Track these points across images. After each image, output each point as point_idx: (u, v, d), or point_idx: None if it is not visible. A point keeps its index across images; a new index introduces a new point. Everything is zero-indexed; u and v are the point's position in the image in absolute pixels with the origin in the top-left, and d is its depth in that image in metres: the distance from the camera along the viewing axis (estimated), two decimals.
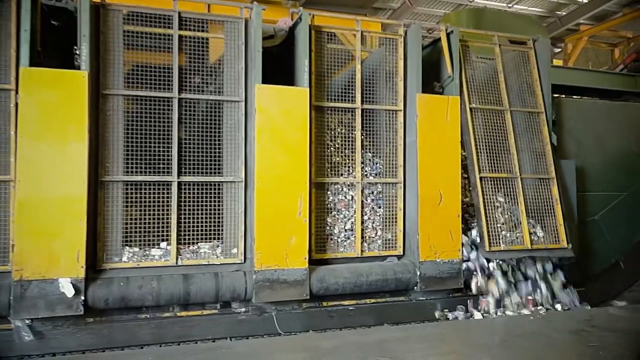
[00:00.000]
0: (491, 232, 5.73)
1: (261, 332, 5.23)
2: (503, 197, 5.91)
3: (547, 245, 5.93)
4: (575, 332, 4.29)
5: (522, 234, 5.87)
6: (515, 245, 5.82)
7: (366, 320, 5.62)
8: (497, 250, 5.72)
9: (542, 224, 6.04)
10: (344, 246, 5.76)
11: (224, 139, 5.29)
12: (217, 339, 5.06)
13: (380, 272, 5.63)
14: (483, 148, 5.99)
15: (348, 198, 5.79)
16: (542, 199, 6.06)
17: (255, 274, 5.11)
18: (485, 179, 5.92)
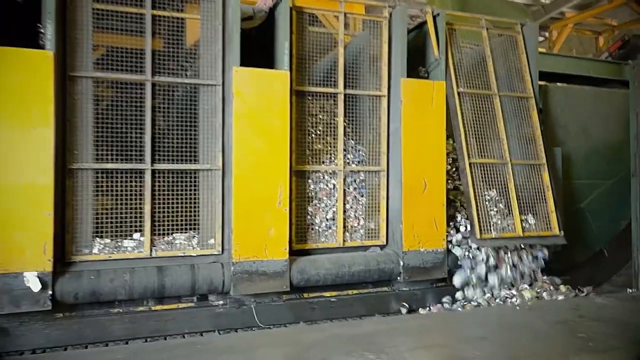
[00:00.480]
0: (482, 219, 5.57)
1: (240, 325, 5.04)
2: (494, 185, 5.75)
3: (539, 232, 5.79)
4: (562, 322, 4.18)
5: (513, 221, 5.73)
6: (507, 232, 5.67)
7: (348, 312, 5.46)
8: (489, 238, 5.56)
9: (533, 211, 5.90)
10: (326, 236, 5.58)
11: (200, 125, 5.05)
12: (194, 333, 4.87)
13: (363, 262, 5.47)
14: (472, 133, 5.83)
15: (330, 186, 5.60)
16: (532, 186, 5.91)
17: (234, 265, 4.92)
18: (475, 165, 5.75)
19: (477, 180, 5.69)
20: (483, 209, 5.60)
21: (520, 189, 5.85)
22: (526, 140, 6.01)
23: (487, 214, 5.60)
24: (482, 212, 5.59)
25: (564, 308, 4.71)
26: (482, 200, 5.62)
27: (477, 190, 5.65)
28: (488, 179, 5.75)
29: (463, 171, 5.67)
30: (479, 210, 5.58)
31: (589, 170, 7.05)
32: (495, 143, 5.88)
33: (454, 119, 5.80)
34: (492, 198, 5.75)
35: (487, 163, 5.81)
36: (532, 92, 6.18)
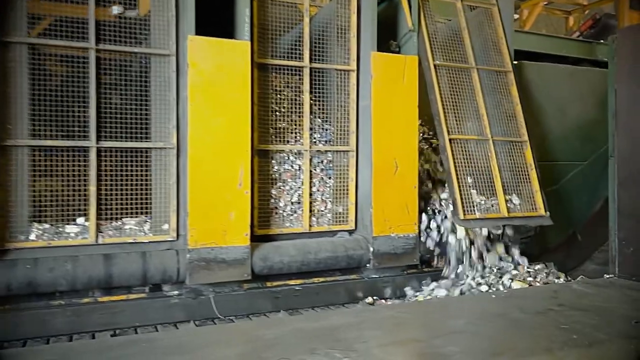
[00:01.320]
0: (465, 198, 5.26)
1: (198, 317, 4.66)
2: (475, 163, 5.44)
3: (524, 213, 5.50)
4: (542, 312, 3.92)
5: (497, 201, 5.44)
6: (491, 213, 5.37)
7: (315, 301, 5.13)
8: (472, 219, 5.23)
9: (517, 191, 5.62)
10: (291, 221, 5.21)
11: (152, 99, 4.60)
12: (147, 326, 4.46)
13: (330, 248, 5.14)
14: (450, 108, 5.49)
15: (295, 168, 5.23)
16: (515, 164, 5.60)
17: (190, 252, 4.51)
18: (455, 142, 5.42)
19: (458, 157, 5.35)
20: (465, 188, 5.28)
21: (503, 167, 5.55)
22: (507, 117, 5.70)
23: (469, 193, 5.27)
24: (464, 192, 5.27)
25: (542, 296, 4.46)
26: (464, 179, 5.30)
27: (458, 168, 5.33)
28: (469, 157, 5.42)
29: (443, 148, 5.32)
30: (462, 190, 5.25)
31: (563, 151, 6.84)
32: (475, 119, 5.56)
33: (430, 93, 5.45)
34: (474, 177, 5.42)
35: (467, 139, 5.47)
36: (510, 66, 5.88)
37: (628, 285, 4.98)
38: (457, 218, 5.17)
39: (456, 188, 5.19)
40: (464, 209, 5.18)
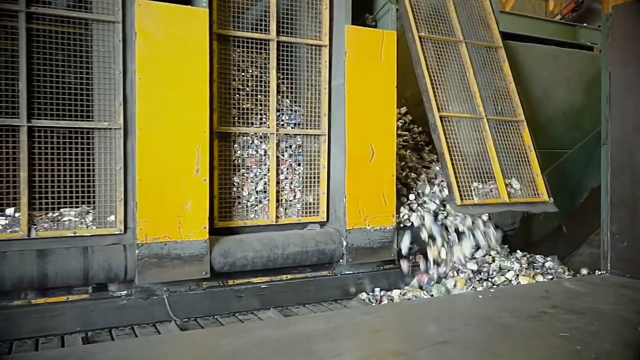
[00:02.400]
0: (461, 182, 4.77)
1: (150, 320, 4.15)
2: (470, 143, 4.95)
3: (526, 198, 5.03)
4: (536, 315, 3.50)
5: (496, 185, 4.96)
6: (491, 198, 4.89)
7: (282, 300, 4.65)
8: (471, 204, 4.74)
9: (516, 174, 5.17)
10: (255, 212, 4.70)
11: (95, 72, 4.02)
12: (90, 330, 3.93)
13: (299, 242, 4.64)
14: (439, 84, 4.99)
15: (260, 153, 4.71)
16: (513, 146, 5.13)
17: (139, 248, 3.97)
18: (447, 120, 4.92)
19: (450, 137, 4.86)
20: (461, 170, 4.78)
21: (500, 149, 5.09)
22: (500, 95, 5.23)
23: (465, 176, 4.78)
24: (460, 174, 4.78)
25: (533, 296, 4.04)
26: (459, 161, 4.81)
27: (452, 148, 4.84)
28: (462, 137, 4.93)
29: (434, 127, 4.81)
30: (457, 172, 4.76)
31: (548, 138, 6.44)
32: (467, 97, 5.08)
33: (417, 67, 4.95)
34: (469, 159, 4.93)
35: (460, 117, 4.98)
36: (500, 42, 5.41)
37: (622, 283, 4.61)
38: (454, 204, 4.66)
39: (450, 170, 4.69)
40: (460, 194, 4.68)
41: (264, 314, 4.43)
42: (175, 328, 4.06)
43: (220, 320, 4.27)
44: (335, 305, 4.77)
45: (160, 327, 4.08)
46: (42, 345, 3.65)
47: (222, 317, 4.34)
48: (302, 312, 4.49)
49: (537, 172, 5.11)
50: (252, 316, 4.39)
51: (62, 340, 3.79)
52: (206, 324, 4.17)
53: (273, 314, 4.39)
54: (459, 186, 4.69)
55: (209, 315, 4.34)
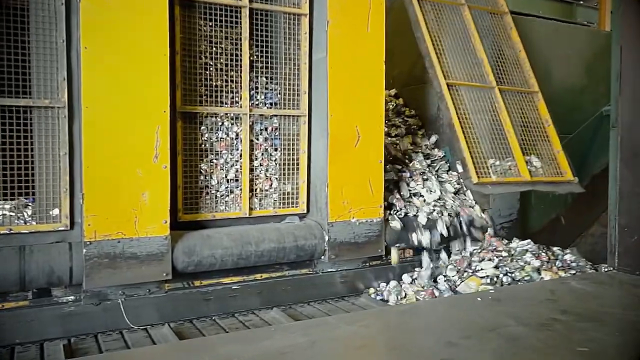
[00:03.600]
0: (476, 158, 4.23)
1: (102, 328, 3.60)
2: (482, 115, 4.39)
3: (549, 177, 4.51)
4: (546, 324, 3.02)
5: (515, 162, 4.43)
6: (510, 177, 4.36)
7: (256, 302, 4.14)
8: (489, 183, 4.22)
9: (535, 151, 4.65)
10: (226, 203, 4.16)
11: (33, 41, 3.42)
12: (29, 343, 3.38)
13: (275, 237, 4.11)
14: (442, 50, 4.43)
15: (231, 136, 4.15)
16: (529, 120, 4.59)
17: (87, 246, 3.41)
18: (455, 88, 4.36)
19: (460, 107, 4.30)
20: (475, 145, 4.23)
21: (515, 123, 4.57)
22: (510, 64, 4.68)
23: (480, 151, 4.22)
24: (474, 149, 4.24)
25: (538, 299, 3.57)
26: (471, 134, 4.25)
27: (462, 120, 4.30)
28: (473, 108, 4.37)
29: (440, 95, 4.27)
30: (470, 146, 4.22)
31: None
32: (474, 64, 4.52)
33: (416, 31, 4.43)
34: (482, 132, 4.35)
35: (468, 87, 4.41)
36: (506, 7, 4.86)
37: (632, 281, 4.17)
38: (470, 182, 4.12)
39: (463, 144, 4.13)
40: (477, 171, 4.13)
41: (241, 316, 3.91)
42: (134, 337, 3.52)
43: (182, 329, 3.74)
44: (343, 303, 4.33)
45: (112, 337, 3.54)
46: None
47: (186, 323, 3.81)
48: (307, 312, 4.07)
49: (558, 148, 4.57)
50: (229, 320, 3.87)
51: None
52: (165, 334, 3.62)
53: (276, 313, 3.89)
54: (475, 162, 4.14)
55: (171, 321, 3.80)
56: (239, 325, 3.82)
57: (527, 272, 4.33)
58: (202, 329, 3.72)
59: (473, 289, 4.21)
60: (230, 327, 3.76)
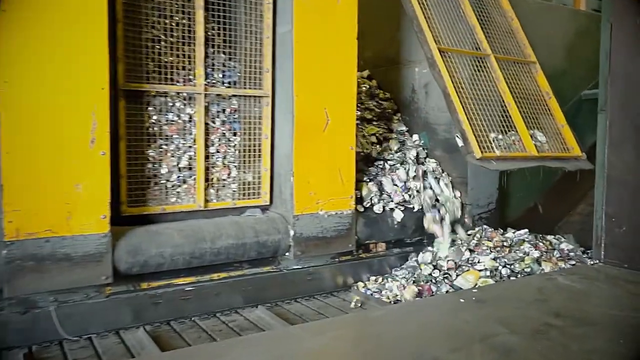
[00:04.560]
0: (476, 130, 3.79)
1: (30, 341, 3.10)
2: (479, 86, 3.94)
3: (555, 153, 4.11)
4: (541, 331, 2.66)
5: (518, 137, 4.01)
6: (515, 151, 3.94)
7: (213, 305, 3.70)
8: (493, 158, 3.78)
9: (538, 125, 4.25)
10: (178, 195, 3.68)
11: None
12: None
13: (234, 233, 3.66)
14: (430, 11, 3.96)
15: (184, 119, 3.66)
16: (528, 92, 4.15)
17: (8, 247, 2.89)
18: (447, 55, 3.90)
19: (455, 76, 3.83)
20: (474, 116, 3.77)
21: (514, 95, 4.15)
22: (503, 32, 4.25)
23: (480, 123, 3.76)
24: (474, 121, 3.80)
25: (526, 299, 3.21)
26: (469, 105, 3.79)
27: (458, 89, 3.86)
28: (468, 77, 3.90)
29: (432, 62, 3.78)
30: (470, 117, 3.77)
31: None
32: (466, 30, 4.07)
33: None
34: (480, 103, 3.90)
35: (462, 54, 3.95)
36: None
37: (623, 276, 3.85)
38: (472, 157, 3.64)
39: (462, 114, 3.65)
40: (479, 145, 3.69)
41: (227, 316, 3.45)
42: (72, 351, 3.04)
43: (129, 337, 3.25)
44: (332, 299, 4.00)
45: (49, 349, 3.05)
46: None
47: (131, 331, 3.33)
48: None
49: (562, 122, 4.17)
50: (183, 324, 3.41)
51: None
52: (107, 344, 3.14)
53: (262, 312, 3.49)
54: (476, 135, 3.70)
55: (114, 329, 3.32)
56: (195, 331, 3.38)
57: (527, 263, 4.07)
58: (156, 336, 3.25)
59: (471, 283, 3.91)
60: (188, 333, 3.32)
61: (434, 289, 3.93)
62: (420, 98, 5.26)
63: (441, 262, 4.21)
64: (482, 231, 4.62)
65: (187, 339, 3.25)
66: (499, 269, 4.05)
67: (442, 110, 5.01)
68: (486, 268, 4.05)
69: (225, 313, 3.71)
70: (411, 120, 5.36)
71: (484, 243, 4.31)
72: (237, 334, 3.33)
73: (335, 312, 3.76)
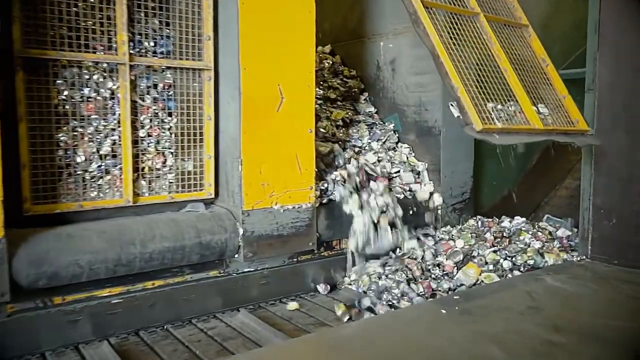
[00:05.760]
0: (472, 97, 3.17)
1: None
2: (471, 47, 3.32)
3: (561, 127, 3.53)
4: (544, 354, 2.17)
5: (519, 107, 3.42)
6: (518, 124, 3.27)
7: (147, 319, 3.09)
8: (496, 131, 3.10)
9: (538, 96, 3.69)
10: (99, 188, 3.02)
11: None
12: None
13: (171, 233, 3.04)
14: None
15: (105, 95, 2.99)
16: (523, 58, 3.57)
17: None
18: (432, 11, 3.21)
19: (443, 35, 3.17)
20: (469, 82, 3.13)
21: (510, 60, 3.58)
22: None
23: (476, 90, 3.11)
24: (470, 87, 3.19)
25: (517, 307, 2.74)
26: (462, 68, 3.16)
27: (449, 50, 3.25)
28: (458, 37, 3.26)
29: (415, 18, 3.08)
30: (465, 84, 3.14)
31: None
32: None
33: None
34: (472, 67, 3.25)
35: (448, 10, 3.27)
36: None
37: (613, 274, 3.45)
38: (471, 129, 2.99)
39: (456, 80, 3.00)
40: (479, 115, 3.12)
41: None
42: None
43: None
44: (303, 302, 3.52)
45: None
46: None
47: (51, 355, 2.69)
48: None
49: (564, 92, 3.60)
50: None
51: None
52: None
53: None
54: (475, 103, 3.09)
55: (17, 356, 2.67)
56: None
57: (529, 255, 3.71)
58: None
59: (473, 278, 3.51)
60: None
61: (434, 286, 3.52)
62: (386, 76, 4.72)
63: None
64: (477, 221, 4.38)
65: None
66: (500, 261, 3.68)
67: (411, 90, 4.51)
68: (487, 262, 3.67)
69: (163, 327, 3.11)
70: (377, 101, 4.82)
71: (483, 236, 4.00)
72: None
73: (300, 318, 3.21)
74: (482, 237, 4.06)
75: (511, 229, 4.17)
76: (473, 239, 4.03)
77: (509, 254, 3.75)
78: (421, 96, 4.41)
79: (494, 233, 4.04)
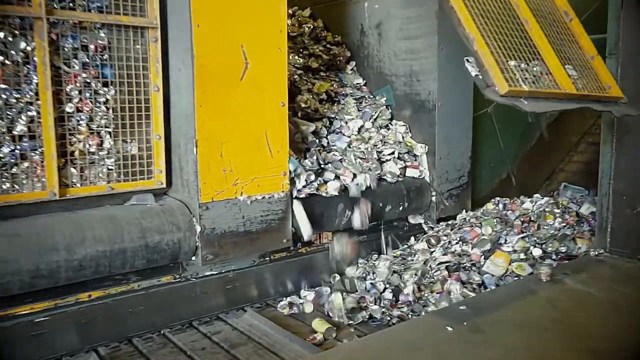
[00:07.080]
0: (492, 52, 2.52)
1: None
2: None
3: (592, 92, 2.84)
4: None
5: (546, 67, 2.77)
6: (546, 88, 2.57)
7: (83, 338, 2.50)
8: (523, 94, 2.43)
9: (564, 55, 3.05)
10: (14, 178, 2.37)
11: None
12: None
13: (106, 234, 2.42)
14: None
15: (15, 59, 2.32)
16: (544, 9, 2.89)
17: None
18: None
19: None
20: (486, 33, 2.46)
21: (532, 10, 2.94)
22: None
23: (497, 46, 2.44)
24: (488, 40, 2.54)
25: (540, 322, 2.22)
26: (479, 17, 2.50)
27: (469, 4, 2.62)
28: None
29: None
30: (482, 36, 2.49)
31: None
32: None
33: None
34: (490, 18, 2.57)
35: None
36: None
37: (639, 272, 2.93)
38: (493, 92, 2.32)
39: (474, 31, 2.32)
40: (503, 75, 2.37)
41: None
42: None
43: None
44: (268, 311, 3.03)
45: None
46: None
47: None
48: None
49: (592, 52, 2.94)
50: None
51: None
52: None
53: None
54: (497, 60, 2.43)
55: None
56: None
57: (562, 242, 3.37)
58: None
59: (502, 268, 3.13)
60: None
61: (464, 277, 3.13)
62: (371, 42, 4.10)
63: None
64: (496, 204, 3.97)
65: None
66: (530, 249, 3.30)
67: (400, 58, 3.90)
68: (515, 250, 3.27)
69: (107, 345, 2.53)
70: (362, 72, 4.21)
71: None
72: None
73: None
74: (510, 222, 3.65)
75: (535, 211, 3.75)
76: (498, 224, 3.60)
77: (539, 240, 3.37)
78: (412, 64, 3.80)
79: (521, 218, 3.64)
